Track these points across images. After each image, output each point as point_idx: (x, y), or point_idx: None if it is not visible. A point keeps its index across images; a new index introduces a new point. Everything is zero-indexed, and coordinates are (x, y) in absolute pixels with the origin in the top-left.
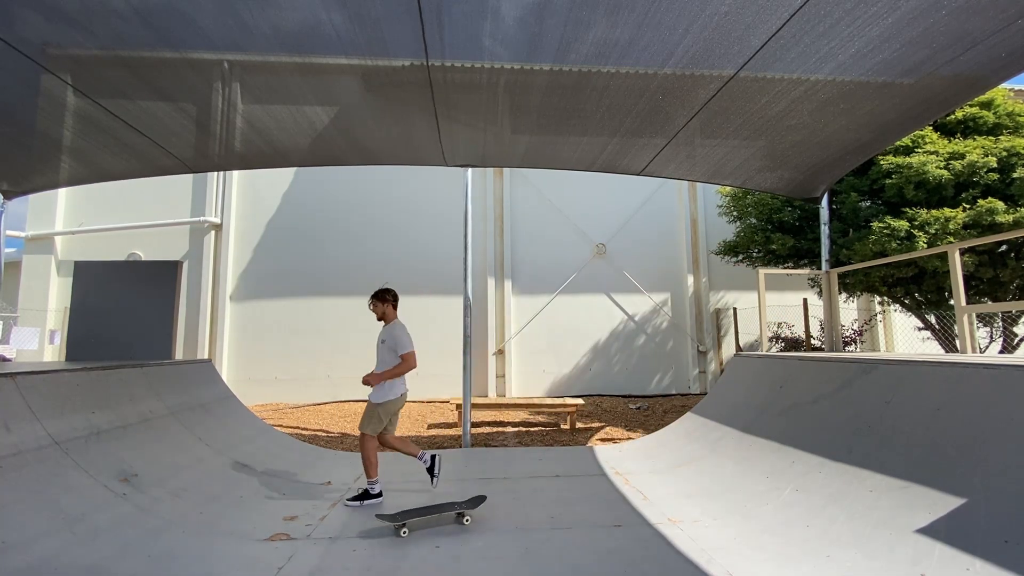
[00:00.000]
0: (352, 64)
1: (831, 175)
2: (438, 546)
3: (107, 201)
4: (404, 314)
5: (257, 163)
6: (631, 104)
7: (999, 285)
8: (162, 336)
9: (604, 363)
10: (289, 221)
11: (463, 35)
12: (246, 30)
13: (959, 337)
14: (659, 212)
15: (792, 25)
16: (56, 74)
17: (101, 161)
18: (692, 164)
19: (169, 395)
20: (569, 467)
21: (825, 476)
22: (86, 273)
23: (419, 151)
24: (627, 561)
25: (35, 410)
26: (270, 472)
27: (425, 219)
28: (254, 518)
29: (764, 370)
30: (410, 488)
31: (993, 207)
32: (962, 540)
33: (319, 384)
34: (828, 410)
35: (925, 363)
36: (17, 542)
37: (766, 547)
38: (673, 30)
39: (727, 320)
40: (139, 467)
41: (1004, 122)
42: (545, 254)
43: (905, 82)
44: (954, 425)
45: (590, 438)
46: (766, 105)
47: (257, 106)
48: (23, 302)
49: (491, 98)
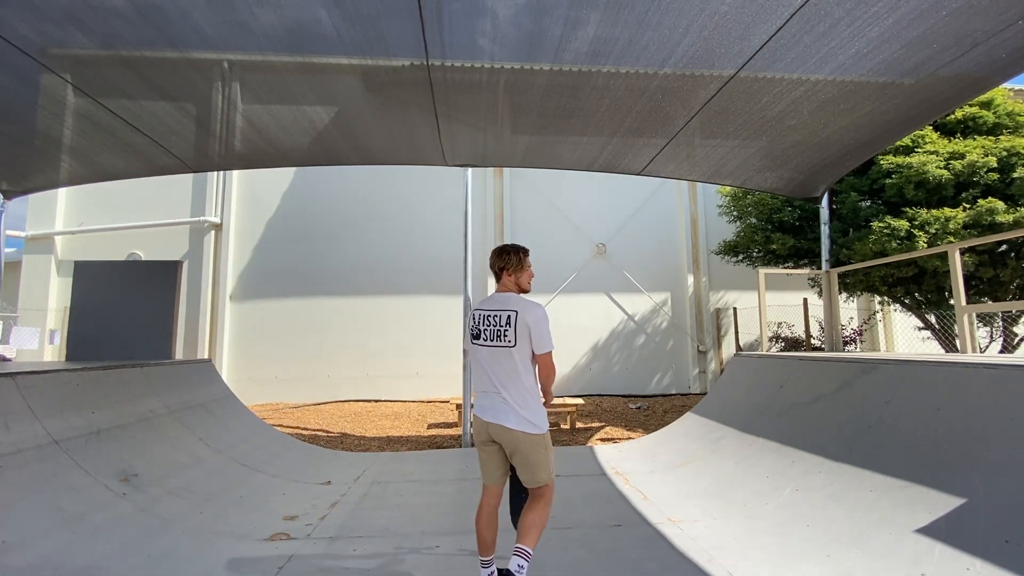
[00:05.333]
0: (352, 64)
1: (831, 175)
2: (438, 546)
3: (107, 201)
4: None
5: (257, 163)
6: (631, 104)
7: (999, 285)
8: (162, 336)
9: (604, 363)
10: (289, 221)
11: (463, 35)
12: (245, 29)
13: (959, 337)
14: (659, 212)
15: (792, 25)
16: (56, 73)
17: (101, 160)
18: (692, 164)
19: (169, 395)
20: (569, 467)
21: (825, 476)
22: (86, 273)
23: (419, 151)
24: (627, 561)
25: (35, 410)
26: (270, 472)
27: (425, 219)
28: (254, 518)
29: (764, 370)
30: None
31: (993, 207)
32: (962, 540)
33: (319, 384)
34: (828, 410)
35: (925, 363)
36: (17, 541)
37: (766, 547)
38: (673, 30)
39: (727, 320)
40: (139, 467)
41: (1004, 122)
42: (545, 254)
43: (905, 82)
44: (954, 425)
45: (590, 438)
46: (766, 105)
47: (257, 105)
48: (23, 302)
49: (491, 98)
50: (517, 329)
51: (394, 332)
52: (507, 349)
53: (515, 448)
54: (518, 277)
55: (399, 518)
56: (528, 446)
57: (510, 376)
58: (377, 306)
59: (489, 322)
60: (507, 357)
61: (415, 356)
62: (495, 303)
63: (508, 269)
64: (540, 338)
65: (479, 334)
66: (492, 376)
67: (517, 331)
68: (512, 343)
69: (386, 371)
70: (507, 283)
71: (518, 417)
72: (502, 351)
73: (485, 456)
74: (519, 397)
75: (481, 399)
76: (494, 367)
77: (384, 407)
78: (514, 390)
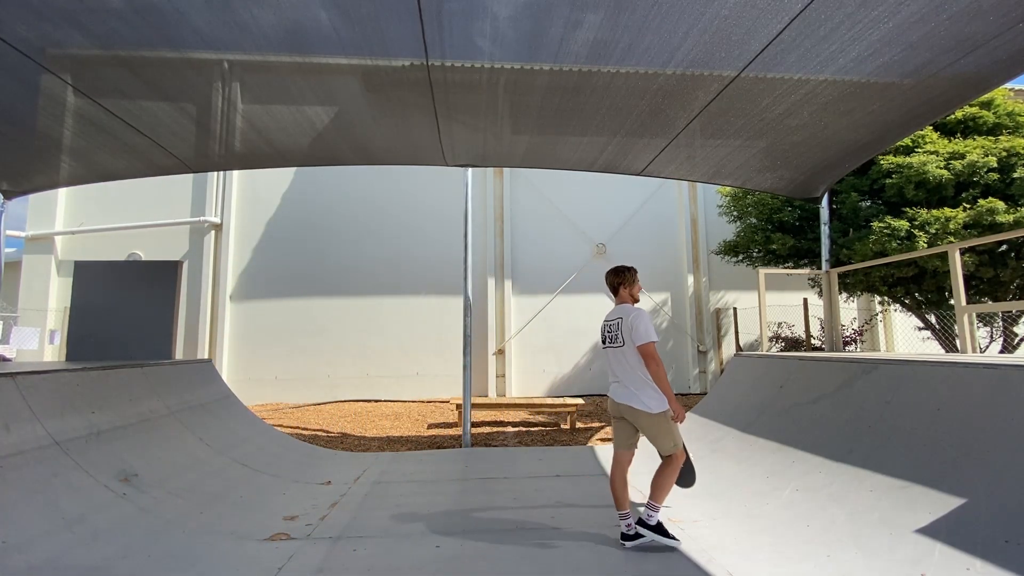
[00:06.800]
0: (352, 64)
1: (832, 175)
2: (438, 546)
3: (107, 201)
4: (404, 314)
5: (257, 163)
6: (632, 105)
7: (999, 285)
8: (162, 336)
9: (604, 363)
10: (289, 221)
11: (463, 35)
12: (244, 29)
13: (959, 337)
14: (659, 212)
15: (792, 29)
16: (56, 74)
17: (101, 161)
18: (693, 164)
19: (169, 395)
20: (569, 467)
21: (825, 476)
22: (86, 273)
23: (419, 151)
24: (628, 561)
25: (35, 410)
26: (270, 472)
27: (425, 219)
28: (254, 518)
29: (764, 370)
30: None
31: (993, 207)
32: (962, 540)
33: (319, 384)
34: (828, 410)
35: (925, 363)
36: (17, 542)
37: (766, 547)
38: (673, 33)
39: (727, 320)
40: (139, 467)
41: (1004, 122)
42: (545, 254)
43: (906, 84)
44: (954, 425)
45: (590, 438)
46: (767, 107)
47: (257, 106)
48: (23, 302)
49: (491, 98)
50: (623, 332)
51: (394, 332)
52: (620, 348)
53: (638, 424)
54: (630, 289)
55: (399, 518)
56: (647, 422)
57: (624, 369)
58: (377, 306)
59: (609, 329)
60: (622, 355)
61: (415, 356)
62: (613, 314)
63: (624, 284)
64: (637, 333)
65: (605, 339)
66: (615, 370)
67: (623, 333)
68: (622, 343)
69: (386, 371)
70: (623, 295)
71: (637, 400)
72: (618, 350)
73: (616, 428)
74: (634, 385)
75: (611, 387)
76: (614, 364)
77: (384, 407)
78: (630, 380)
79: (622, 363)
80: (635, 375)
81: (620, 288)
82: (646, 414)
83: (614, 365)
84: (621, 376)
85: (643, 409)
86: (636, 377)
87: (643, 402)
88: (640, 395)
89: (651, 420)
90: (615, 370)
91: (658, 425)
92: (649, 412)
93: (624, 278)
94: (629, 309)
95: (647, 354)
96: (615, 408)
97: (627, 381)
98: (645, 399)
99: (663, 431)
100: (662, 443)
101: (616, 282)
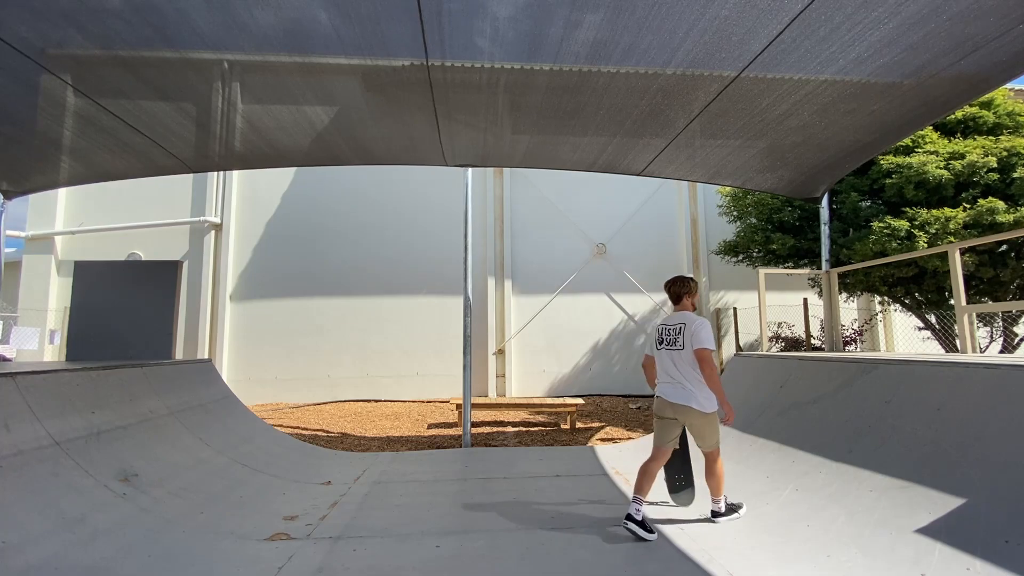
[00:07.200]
0: (352, 64)
1: (832, 175)
2: (438, 546)
3: (107, 201)
4: (404, 314)
5: (257, 163)
6: (632, 105)
7: (999, 285)
8: (162, 336)
9: (604, 363)
10: (289, 221)
11: (463, 35)
12: (244, 29)
13: (959, 337)
14: (659, 212)
15: (793, 29)
16: (56, 74)
17: (101, 161)
18: (693, 165)
19: (169, 395)
20: (569, 467)
21: (825, 476)
22: (86, 273)
23: (419, 151)
24: (628, 560)
25: (35, 410)
26: (270, 472)
27: (425, 219)
28: (254, 518)
29: (764, 370)
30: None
31: (993, 207)
32: (962, 540)
33: (319, 384)
34: (828, 410)
35: (925, 363)
36: (17, 542)
37: (766, 547)
38: (673, 34)
39: (727, 320)
40: (139, 467)
41: (1004, 122)
42: (545, 254)
43: (907, 84)
44: (954, 425)
45: (590, 438)
46: (767, 108)
47: (257, 106)
48: (23, 302)
49: (491, 98)
50: (684, 336)
51: (394, 332)
52: (679, 352)
53: (689, 421)
54: (692, 299)
55: (399, 518)
56: (700, 421)
57: (681, 371)
58: (377, 306)
59: (669, 332)
60: (680, 357)
61: (415, 356)
62: (674, 319)
63: (689, 293)
64: (698, 338)
65: (662, 341)
66: (671, 371)
67: (685, 338)
68: (682, 347)
69: (386, 371)
70: (685, 304)
71: (695, 400)
72: (678, 353)
73: (662, 425)
74: (690, 385)
75: (663, 387)
76: (669, 365)
77: (384, 407)
78: (688, 381)
79: (680, 365)
80: (693, 376)
81: (684, 297)
82: (699, 412)
83: (669, 367)
84: (678, 377)
85: (698, 408)
86: (694, 378)
87: (699, 402)
88: (698, 395)
89: (703, 419)
90: (670, 371)
91: (709, 424)
92: (703, 411)
93: (689, 288)
94: (693, 317)
95: (704, 359)
96: (666, 407)
97: (685, 382)
98: (701, 399)
99: (711, 429)
100: (708, 440)
101: (681, 291)
